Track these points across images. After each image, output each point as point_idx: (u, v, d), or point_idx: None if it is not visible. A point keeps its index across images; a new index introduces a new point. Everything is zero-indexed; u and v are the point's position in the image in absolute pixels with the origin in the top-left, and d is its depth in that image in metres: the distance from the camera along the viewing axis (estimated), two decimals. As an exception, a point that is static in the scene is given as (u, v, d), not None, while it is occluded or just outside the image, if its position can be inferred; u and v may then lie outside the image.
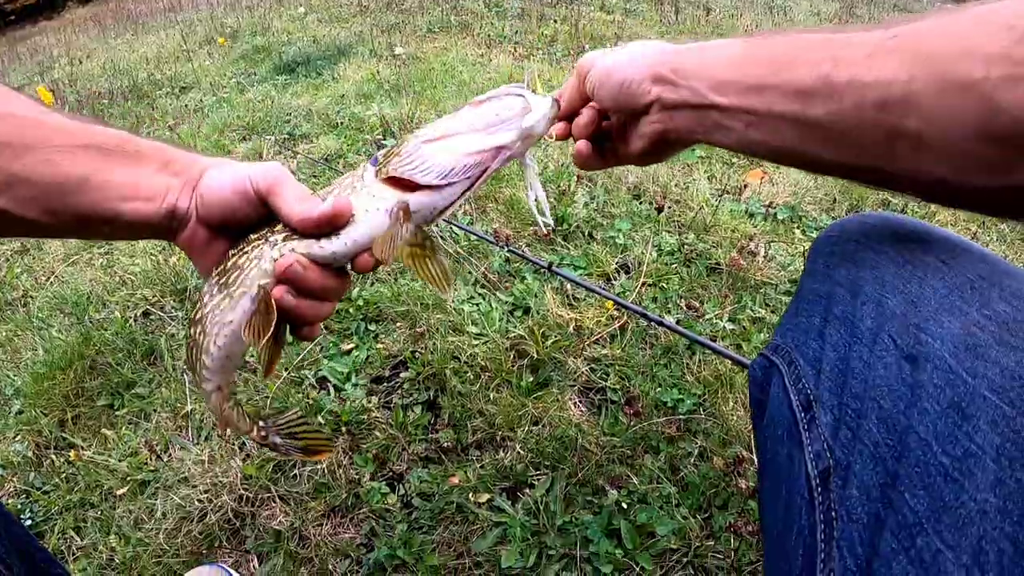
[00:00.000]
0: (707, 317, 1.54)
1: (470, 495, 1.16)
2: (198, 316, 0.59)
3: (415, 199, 0.56)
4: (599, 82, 0.62)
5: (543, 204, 0.67)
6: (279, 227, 0.58)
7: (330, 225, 0.56)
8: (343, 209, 0.56)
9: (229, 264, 0.58)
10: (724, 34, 4.88)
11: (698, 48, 0.55)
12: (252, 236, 0.59)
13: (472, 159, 0.57)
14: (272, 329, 0.54)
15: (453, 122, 0.58)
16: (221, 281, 0.58)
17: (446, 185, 0.56)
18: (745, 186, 2.14)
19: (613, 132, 0.68)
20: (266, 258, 0.57)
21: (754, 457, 1.20)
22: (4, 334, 1.78)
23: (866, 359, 0.43)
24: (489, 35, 4.55)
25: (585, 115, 0.68)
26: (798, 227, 1.96)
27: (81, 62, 6.18)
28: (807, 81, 0.45)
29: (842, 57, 0.43)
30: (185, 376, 1.46)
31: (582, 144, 0.69)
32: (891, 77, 0.40)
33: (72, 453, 1.32)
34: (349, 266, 0.59)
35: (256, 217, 0.59)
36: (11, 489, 1.31)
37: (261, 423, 0.68)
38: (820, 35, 0.47)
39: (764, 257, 1.77)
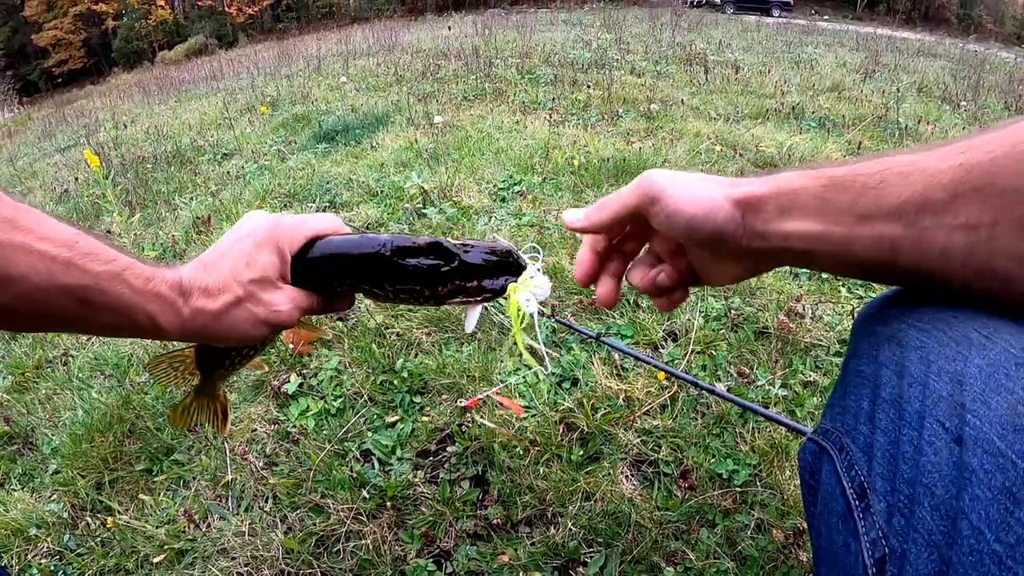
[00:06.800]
0: (758, 383, 1.49)
1: (521, 573, 1.11)
2: None
3: None
4: (671, 220, 0.55)
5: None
6: None
7: None
8: None
9: None
10: (754, 91, 4.98)
11: (774, 180, 0.52)
12: None
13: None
14: None
15: None
16: None
17: None
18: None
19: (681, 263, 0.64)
20: None
21: (813, 528, 1.14)
22: (44, 391, 1.78)
23: (915, 443, 0.42)
24: (523, 102, 4.66)
25: (665, 273, 0.65)
26: (843, 285, 1.92)
27: (126, 126, 6.46)
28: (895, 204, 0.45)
29: (926, 194, 0.44)
30: (226, 444, 1.44)
31: (612, 286, 0.68)
32: (975, 222, 0.41)
33: (109, 520, 1.29)
34: None
35: None
36: (44, 549, 1.28)
37: None
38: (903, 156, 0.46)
39: (811, 318, 1.73)
